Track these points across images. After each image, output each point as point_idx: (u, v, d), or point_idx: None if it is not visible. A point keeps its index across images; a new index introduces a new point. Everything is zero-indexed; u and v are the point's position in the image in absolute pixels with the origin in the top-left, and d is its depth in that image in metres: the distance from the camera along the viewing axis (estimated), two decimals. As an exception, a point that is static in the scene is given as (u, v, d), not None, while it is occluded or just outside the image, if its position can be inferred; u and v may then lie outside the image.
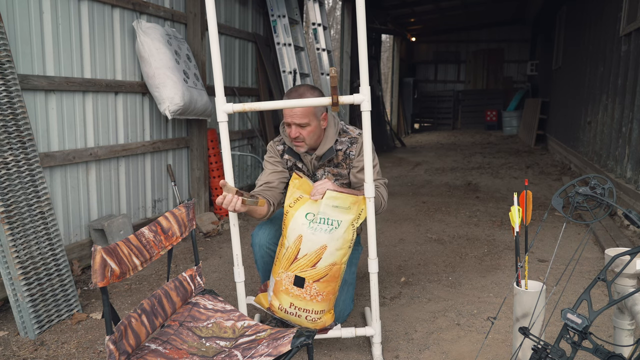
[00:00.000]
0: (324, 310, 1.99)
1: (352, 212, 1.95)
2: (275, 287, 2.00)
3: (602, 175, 1.79)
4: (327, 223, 1.93)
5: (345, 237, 1.94)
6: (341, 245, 1.94)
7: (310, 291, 1.93)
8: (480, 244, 3.77)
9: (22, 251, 2.43)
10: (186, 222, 1.65)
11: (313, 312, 1.97)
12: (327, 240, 1.91)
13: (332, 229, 1.92)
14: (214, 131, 4.53)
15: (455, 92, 14.90)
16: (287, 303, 1.97)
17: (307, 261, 1.92)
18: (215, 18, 1.87)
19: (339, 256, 1.95)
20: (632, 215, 1.35)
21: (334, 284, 1.98)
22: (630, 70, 4.54)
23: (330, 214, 1.93)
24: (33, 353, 2.26)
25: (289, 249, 1.95)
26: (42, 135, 2.97)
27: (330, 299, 1.99)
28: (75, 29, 3.17)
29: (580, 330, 1.24)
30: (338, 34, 15.27)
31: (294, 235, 1.95)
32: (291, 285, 1.94)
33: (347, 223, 1.94)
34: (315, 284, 1.93)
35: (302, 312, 1.96)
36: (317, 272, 1.92)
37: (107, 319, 1.27)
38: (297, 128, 2.12)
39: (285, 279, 1.95)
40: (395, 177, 6.90)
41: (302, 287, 1.93)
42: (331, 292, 1.98)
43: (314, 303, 1.95)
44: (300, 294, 1.94)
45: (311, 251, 1.92)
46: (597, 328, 2.38)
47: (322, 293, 1.95)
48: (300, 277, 1.93)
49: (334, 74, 1.81)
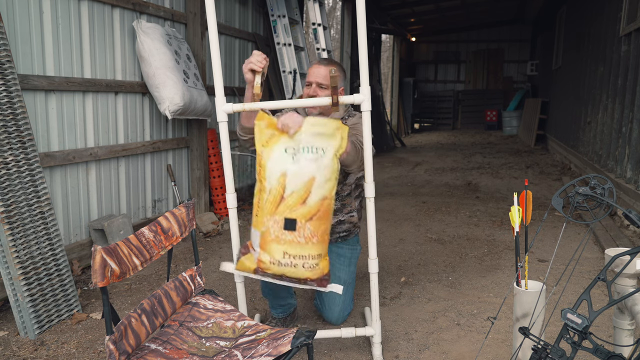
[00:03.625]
0: (321, 254, 1.77)
1: (337, 140, 1.78)
2: (262, 240, 1.76)
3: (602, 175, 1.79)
4: (311, 152, 1.75)
5: (332, 166, 1.76)
6: (329, 176, 1.75)
7: (305, 232, 1.72)
8: (480, 244, 3.77)
9: (22, 251, 2.43)
10: (186, 222, 1.65)
11: (310, 258, 1.74)
12: (315, 170, 1.73)
13: (318, 158, 1.74)
14: (214, 131, 4.53)
15: (455, 92, 14.90)
16: (280, 253, 1.73)
17: (295, 199, 1.72)
18: (215, 18, 1.87)
19: (329, 189, 1.76)
20: (632, 215, 1.35)
21: (327, 223, 1.77)
22: (630, 70, 4.54)
23: (314, 141, 1.76)
24: (33, 353, 2.26)
25: (272, 191, 1.74)
26: (42, 135, 2.97)
27: (325, 241, 1.78)
28: (75, 29, 3.17)
29: (580, 330, 1.24)
30: (338, 34, 15.27)
31: (276, 174, 1.75)
32: (281, 231, 1.72)
33: (332, 150, 1.76)
34: (308, 223, 1.72)
35: (298, 259, 1.73)
36: (308, 209, 1.72)
37: (107, 319, 1.27)
38: (317, 88, 2.23)
39: (273, 226, 1.73)
40: (395, 177, 6.90)
41: (294, 230, 1.71)
42: (325, 233, 1.77)
43: (310, 246, 1.73)
44: (293, 239, 1.71)
45: (299, 186, 1.72)
46: (597, 328, 2.38)
47: (316, 234, 1.73)
48: (291, 218, 1.71)
49: (334, 74, 1.81)
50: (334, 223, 2.40)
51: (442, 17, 12.45)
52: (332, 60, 2.33)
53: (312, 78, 2.24)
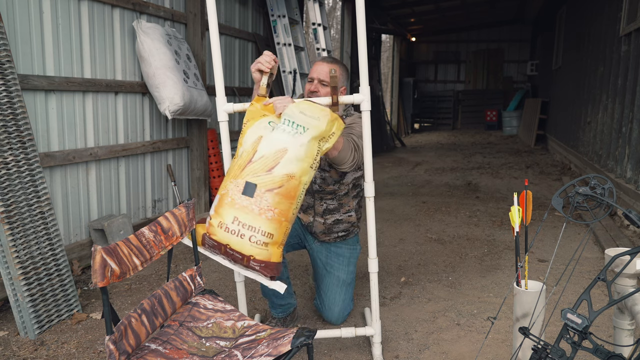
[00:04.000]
0: (272, 235, 1.66)
1: (321, 125, 1.73)
2: (218, 202, 1.70)
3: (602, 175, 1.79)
4: (291, 125, 1.72)
5: (308, 148, 1.71)
6: (303, 157, 1.69)
7: (260, 202, 1.64)
8: (480, 244, 3.77)
9: (22, 251, 2.43)
10: (186, 222, 1.65)
11: (259, 232, 1.64)
12: (289, 143, 1.69)
13: (296, 133, 1.70)
14: (214, 131, 4.53)
15: (455, 92, 14.90)
16: (230, 217, 1.65)
17: (262, 165, 1.67)
18: (215, 18, 1.87)
19: (299, 169, 1.69)
20: (632, 215, 1.35)
21: (289, 204, 1.68)
22: (630, 70, 4.54)
23: (297, 117, 1.73)
24: (33, 353, 2.26)
25: (243, 154, 1.71)
26: (42, 135, 2.97)
27: (281, 223, 1.67)
28: (75, 29, 3.17)
29: (580, 330, 1.24)
30: (338, 34, 15.28)
31: (252, 138, 1.73)
32: (239, 195, 1.65)
33: (313, 133, 1.72)
34: (267, 193, 1.65)
35: (246, 229, 1.64)
36: (271, 178, 1.66)
37: (107, 319, 1.27)
38: (318, 84, 2.25)
39: (233, 189, 1.68)
40: (395, 177, 6.90)
41: (251, 197, 1.64)
42: (283, 214, 1.67)
43: (262, 219, 1.64)
44: (247, 205, 1.64)
45: (269, 152, 1.68)
46: (597, 328, 2.38)
47: (273, 209, 1.65)
48: (252, 182, 1.65)
49: (334, 74, 1.81)
50: (331, 222, 2.40)
51: (442, 17, 12.45)
52: (335, 59, 2.34)
53: (315, 74, 2.26)
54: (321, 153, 1.76)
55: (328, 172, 2.32)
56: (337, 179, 2.34)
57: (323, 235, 2.44)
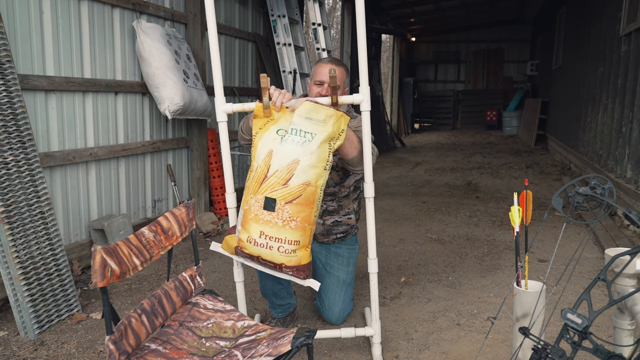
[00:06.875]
0: (299, 241, 1.76)
1: (328, 127, 1.78)
2: (243, 218, 1.78)
3: (602, 175, 1.79)
4: (299, 134, 1.75)
5: (319, 153, 1.75)
6: (315, 163, 1.75)
7: (282, 215, 1.72)
8: (480, 244, 3.77)
9: (22, 251, 2.43)
10: (186, 222, 1.65)
11: (286, 242, 1.74)
12: (300, 153, 1.74)
13: (305, 142, 1.74)
14: (214, 131, 4.53)
15: (455, 92, 14.90)
16: (257, 232, 1.74)
17: (277, 179, 1.73)
18: (214, 18, 1.87)
19: (314, 176, 1.75)
20: (632, 215, 1.35)
21: (309, 210, 1.76)
22: (630, 70, 4.54)
23: (303, 125, 1.77)
24: (33, 353, 2.26)
25: (258, 169, 1.77)
26: (42, 135, 2.97)
27: (305, 229, 1.76)
28: (75, 29, 3.17)
29: (580, 330, 1.24)
30: (338, 34, 15.27)
31: (264, 152, 1.77)
32: (260, 210, 1.73)
33: (322, 137, 1.76)
34: (287, 205, 1.72)
35: (273, 241, 1.74)
36: (289, 191, 1.72)
37: (107, 319, 1.27)
38: (329, 88, 2.24)
39: (254, 204, 1.75)
40: (395, 177, 6.90)
41: (272, 211, 1.72)
42: (306, 220, 1.76)
43: (286, 230, 1.73)
44: (271, 219, 1.73)
45: (282, 166, 1.73)
46: (597, 328, 2.38)
47: (295, 218, 1.73)
48: (271, 198, 1.72)
49: (334, 74, 1.81)
50: (330, 223, 2.40)
51: (442, 17, 12.45)
52: (337, 60, 2.33)
53: (319, 77, 2.25)
54: (333, 150, 1.80)
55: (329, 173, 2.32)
56: (337, 181, 2.34)
57: (322, 237, 2.44)
